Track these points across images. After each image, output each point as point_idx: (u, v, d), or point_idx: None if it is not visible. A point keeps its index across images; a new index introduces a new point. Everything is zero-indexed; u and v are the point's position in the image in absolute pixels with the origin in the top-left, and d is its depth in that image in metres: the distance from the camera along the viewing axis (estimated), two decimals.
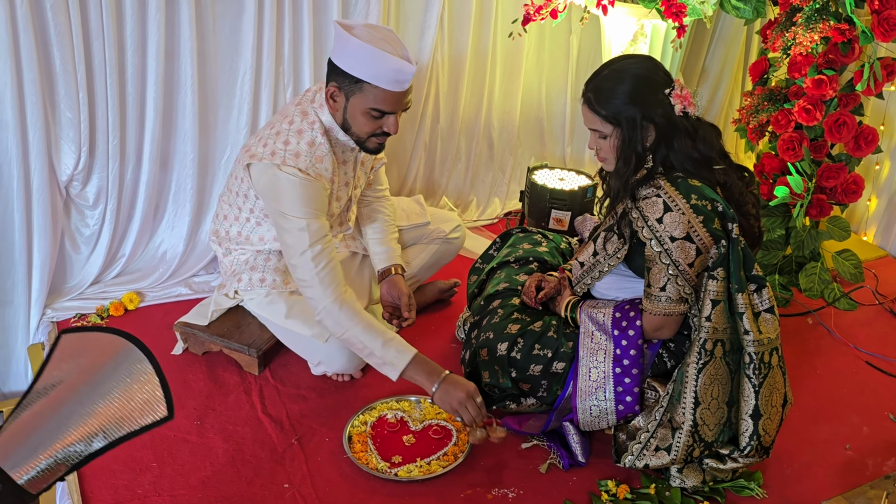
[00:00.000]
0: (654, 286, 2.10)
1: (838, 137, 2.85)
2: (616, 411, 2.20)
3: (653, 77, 2.08)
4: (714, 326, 2.03)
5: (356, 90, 2.22)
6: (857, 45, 2.77)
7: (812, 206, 2.94)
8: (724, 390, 2.08)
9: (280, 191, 2.28)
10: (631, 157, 2.09)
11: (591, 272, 2.27)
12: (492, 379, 2.35)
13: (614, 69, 2.12)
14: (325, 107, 2.33)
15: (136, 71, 2.73)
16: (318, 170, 2.30)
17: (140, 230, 2.99)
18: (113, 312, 2.84)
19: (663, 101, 2.06)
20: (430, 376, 2.22)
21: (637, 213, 2.07)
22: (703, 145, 2.09)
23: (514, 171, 3.86)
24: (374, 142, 2.34)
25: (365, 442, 2.28)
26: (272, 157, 2.27)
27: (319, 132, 2.32)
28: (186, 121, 2.88)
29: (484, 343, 2.36)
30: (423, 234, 2.89)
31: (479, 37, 3.47)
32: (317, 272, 2.26)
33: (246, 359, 2.57)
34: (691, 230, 2.02)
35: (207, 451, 2.26)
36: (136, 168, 2.89)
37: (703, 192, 2.05)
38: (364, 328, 2.25)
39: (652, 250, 2.06)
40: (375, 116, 2.26)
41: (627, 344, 2.18)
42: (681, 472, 2.14)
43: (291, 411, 2.43)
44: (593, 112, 2.11)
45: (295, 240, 2.28)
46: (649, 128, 2.08)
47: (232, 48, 2.88)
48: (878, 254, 3.55)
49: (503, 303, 2.47)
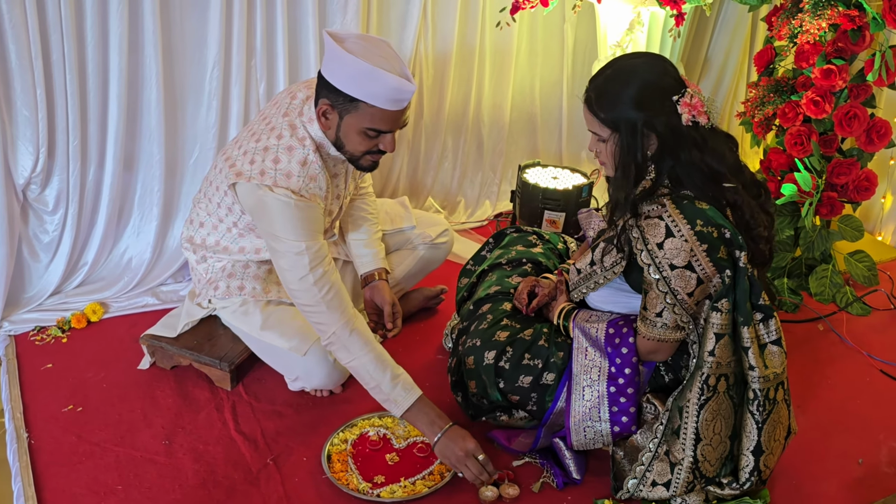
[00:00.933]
0: (650, 310, 2.09)
1: (849, 131, 2.86)
2: (612, 433, 2.20)
3: (660, 82, 2.02)
4: (718, 361, 2.01)
5: (351, 109, 2.19)
6: (867, 33, 2.78)
7: (822, 205, 2.95)
8: (727, 424, 2.08)
9: (272, 214, 2.25)
10: (630, 166, 2.04)
11: (587, 282, 2.26)
12: (479, 389, 2.35)
13: (619, 69, 2.08)
14: (314, 121, 2.29)
15: (97, 66, 2.73)
16: (311, 190, 2.27)
17: (103, 236, 2.98)
18: (75, 325, 2.82)
19: (670, 108, 2.01)
20: (432, 425, 2.22)
21: (638, 232, 2.04)
22: (713, 159, 2.04)
23: (506, 169, 3.87)
24: (369, 160, 2.32)
25: (345, 461, 2.28)
26: (262, 178, 2.24)
27: (311, 149, 2.28)
28: (152, 119, 2.88)
29: (470, 351, 2.36)
30: (409, 238, 2.88)
31: (466, 26, 3.47)
32: (321, 297, 2.24)
33: (218, 373, 2.56)
34: (693, 259, 1.99)
35: (177, 473, 2.25)
36: (99, 170, 2.88)
37: (709, 217, 2.00)
38: (374, 358, 2.24)
39: (650, 277, 2.03)
40: (371, 136, 2.23)
41: (622, 362, 2.17)
42: None
43: (266, 429, 2.42)
44: (592, 114, 2.08)
45: (292, 264, 2.25)
46: (651, 136, 2.03)
47: (199, 40, 2.88)
48: (893, 255, 3.57)
49: (493, 307, 2.46)
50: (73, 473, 2.23)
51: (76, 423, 2.40)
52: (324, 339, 2.28)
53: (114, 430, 2.39)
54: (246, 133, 2.40)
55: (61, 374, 2.62)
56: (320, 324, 2.28)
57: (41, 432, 2.36)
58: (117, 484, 2.20)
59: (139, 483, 2.21)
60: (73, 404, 2.48)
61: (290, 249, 2.24)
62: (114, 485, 2.19)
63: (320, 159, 2.29)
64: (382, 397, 2.24)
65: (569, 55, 3.79)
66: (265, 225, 2.28)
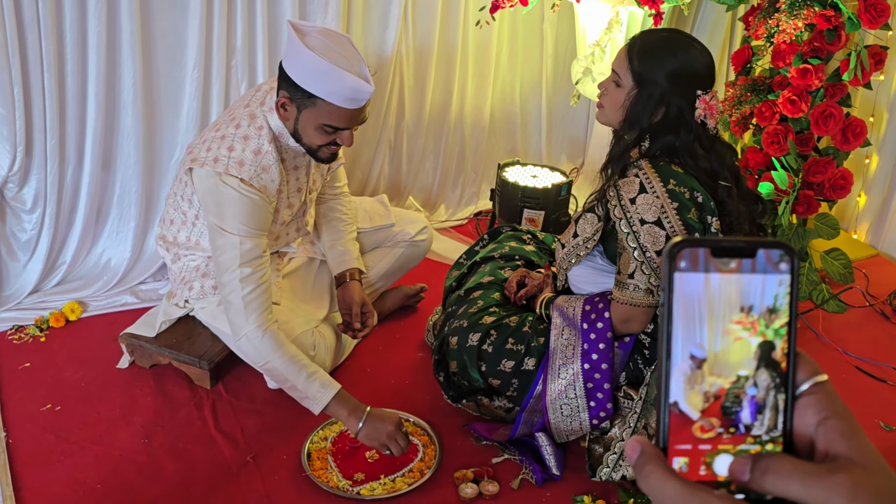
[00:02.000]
0: (623, 272, 2.16)
1: (825, 130, 2.90)
2: (588, 409, 2.25)
3: (699, 70, 2.12)
4: None
5: (308, 104, 2.22)
6: (843, 33, 2.83)
7: (799, 203, 3.00)
8: None
9: (220, 202, 2.28)
10: (636, 126, 2.15)
11: (570, 256, 2.33)
12: (459, 369, 2.40)
13: (675, 39, 2.18)
14: (274, 112, 2.32)
15: (75, 65, 2.75)
16: (262, 181, 2.29)
17: (82, 235, 3.00)
18: (53, 323, 2.84)
19: (690, 96, 2.11)
20: (352, 414, 2.26)
21: (614, 191, 2.13)
22: (714, 158, 2.15)
23: (486, 168, 3.91)
24: (327, 152, 2.35)
25: (325, 459, 2.31)
26: (214, 164, 2.27)
27: (267, 139, 2.31)
28: (130, 119, 2.90)
29: (455, 331, 2.42)
30: (387, 236, 2.91)
31: (447, 25, 3.51)
32: (242, 295, 2.27)
33: (197, 372, 2.59)
34: (663, 215, 2.07)
35: (156, 472, 2.27)
36: (77, 169, 2.90)
37: (683, 179, 2.10)
38: (287, 360, 2.28)
39: (620, 231, 2.11)
40: (328, 132, 2.27)
41: (596, 337, 2.23)
42: None
43: (246, 427, 2.45)
44: (628, 59, 2.17)
45: (227, 258, 2.29)
46: (661, 109, 2.13)
47: (179, 40, 2.90)
48: (868, 252, 3.63)
49: (483, 295, 2.53)
50: (52, 473, 2.24)
51: (55, 422, 2.42)
52: (236, 338, 2.31)
53: (93, 428, 2.41)
54: (212, 125, 2.44)
55: (39, 373, 2.63)
56: (233, 322, 2.31)
57: (19, 431, 2.38)
58: (96, 483, 2.22)
59: (118, 482, 2.23)
60: (51, 403, 2.49)
61: (228, 243, 2.27)
62: (93, 484, 2.21)
63: (276, 151, 2.32)
64: (300, 395, 2.28)
65: (548, 54, 3.84)
66: (211, 213, 2.30)
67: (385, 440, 2.24)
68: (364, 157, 3.57)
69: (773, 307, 0.57)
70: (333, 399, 2.26)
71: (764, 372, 0.58)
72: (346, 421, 2.27)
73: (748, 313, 0.57)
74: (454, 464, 2.33)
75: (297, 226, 2.63)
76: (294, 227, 2.62)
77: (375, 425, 2.24)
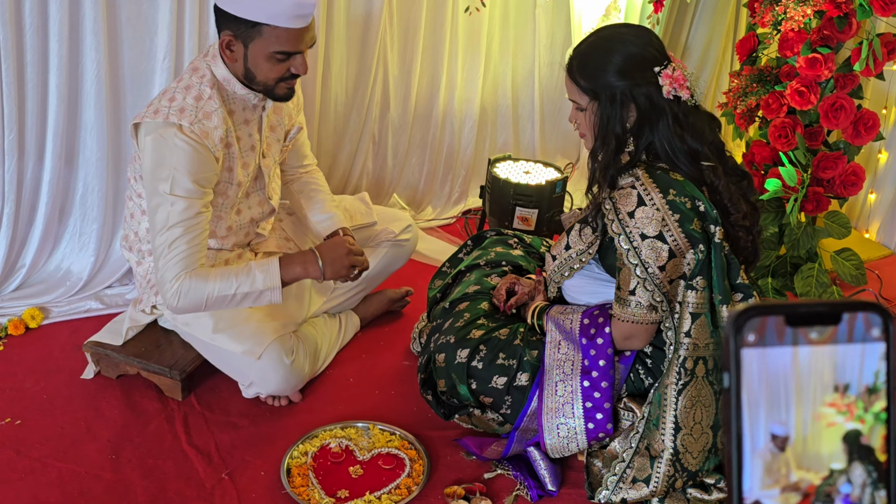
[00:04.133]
0: (623, 289, 2.14)
1: (835, 123, 2.90)
2: (586, 431, 2.23)
3: (643, 52, 2.10)
4: (694, 343, 2.06)
5: (254, 35, 2.24)
6: (854, 20, 2.83)
7: (808, 201, 3.00)
8: (707, 414, 2.11)
9: (159, 153, 2.27)
10: (609, 137, 2.11)
11: (563, 268, 2.31)
12: (447, 387, 2.39)
13: (603, 37, 2.17)
14: (217, 59, 2.35)
15: (35, 54, 2.71)
16: (204, 127, 2.28)
17: (42, 237, 2.97)
18: (12, 331, 2.81)
19: (651, 79, 2.08)
20: (307, 265, 2.38)
21: (610, 204, 2.11)
22: (692, 136, 2.11)
23: (476, 164, 3.89)
24: (284, 87, 2.37)
25: (306, 475, 2.29)
26: (154, 116, 2.28)
27: (208, 85, 2.33)
28: (94, 112, 2.86)
29: (442, 348, 2.40)
30: (370, 236, 2.89)
31: (435, 12, 3.50)
32: (169, 258, 2.27)
33: (167, 382, 2.56)
34: (665, 228, 2.05)
35: (125, 490, 2.25)
36: (38, 166, 2.87)
37: (683, 187, 2.08)
38: (221, 278, 2.31)
39: (620, 247, 2.09)
40: (280, 59, 2.29)
41: (596, 354, 2.21)
42: (662, 502, 2.17)
43: (221, 441, 2.43)
44: (573, 81, 2.16)
45: (158, 219, 2.27)
46: (630, 107, 2.10)
47: (148, 28, 2.86)
48: (881, 252, 3.63)
49: (470, 306, 2.50)
50: (12, 491, 2.22)
51: (14, 438, 2.39)
52: (169, 295, 2.29)
53: (56, 444, 2.38)
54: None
55: None
56: (160, 283, 2.31)
57: None
58: (60, 502, 2.19)
59: (84, 501, 2.20)
60: (10, 417, 2.46)
61: (161, 202, 2.26)
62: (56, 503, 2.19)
63: (219, 97, 2.34)
64: (255, 296, 2.33)
65: (542, 44, 3.82)
66: (147, 170, 2.29)
67: (347, 264, 2.39)
68: (345, 152, 3.55)
69: (872, 386, 0.51)
70: (282, 272, 2.34)
71: (859, 465, 0.51)
72: (306, 274, 2.38)
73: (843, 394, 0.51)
74: (444, 479, 2.31)
75: (260, 199, 2.60)
76: (256, 199, 2.59)
77: (332, 258, 2.38)
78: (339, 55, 3.35)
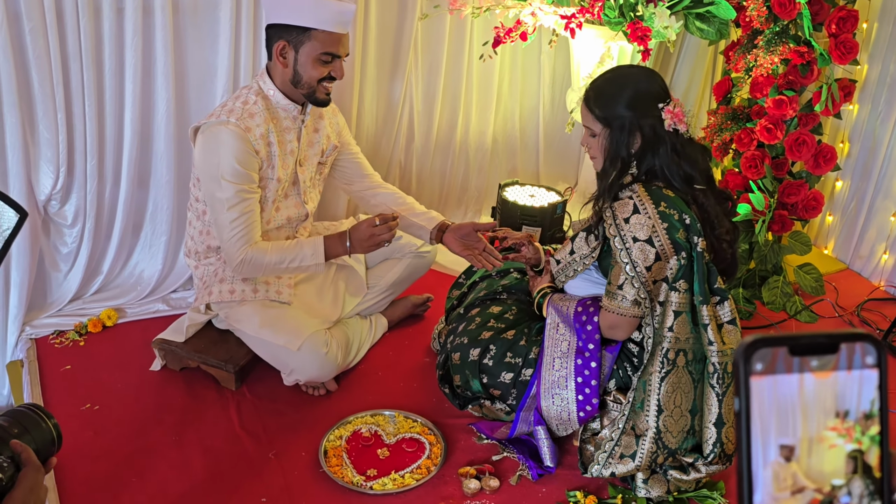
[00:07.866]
0: (613, 283, 2.16)
1: (798, 156, 2.91)
2: (577, 402, 2.25)
3: (651, 88, 2.14)
4: (676, 336, 2.08)
5: (304, 39, 2.33)
6: (815, 67, 2.84)
7: (774, 222, 3.00)
8: (686, 399, 2.13)
9: (210, 148, 2.35)
10: (617, 159, 2.15)
11: (567, 270, 2.34)
12: (462, 382, 2.42)
13: (618, 74, 2.22)
14: (265, 76, 2.43)
15: (113, 92, 2.75)
16: (247, 123, 2.36)
17: (118, 248, 2.99)
18: (91, 329, 2.84)
19: (655, 113, 2.12)
20: (341, 244, 2.47)
21: (610, 212, 2.14)
22: (687, 162, 2.15)
23: (489, 188, 3.90)
24: (323, 90, 2.43)
25: (340, 456, 2.31)
26: (208, 119, 2.38)
27: (254, 94, 2.42)
28: (164, 142, 2.90)
29: (457, 348, 2.43)
30: (395, 248, 2.90)
31: (453, 59, 3.51)
32: (233, 234, 2.37)
33: (223, 374, 2.58)
34: (654, 234, 2.08)
35: (186, 466, 2.27)
36: (115, 188, 2.90)
37: (673, 202, 2.11)
38: (276, 252, 2.43)
39: (615, 247, 2.12)
40: (325, 61, 2.36)
41: (587, 338, 2.24)
42: (646, 482, 2.18)
43: (268, 426, 2.45)
44: (589, 110, 2.19)
45: (218, 199, 2.36)
46: (636, 135, 2.13)
47: (209, 70, 2.90)
48: (837, 267, 3.62)
49: (481, 311, 2.53)
50: (91, 467, 2.24)
51: (93, 421, 2.42)
52: (235, 264, 2.40)
53: (128, 426, 2.41)
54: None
55: (79, 375, 2.63)
56: (230, 253, 2.40)
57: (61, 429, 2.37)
58: (132, 477, 2.22)
59: (152, 476, 2.23)
60: (90, 403, 2.49)
61: (219, 197, 2.35)
62: (129, 478, 2.22)
63: (264, 104, 2.42)
64: (304, 267, 2.47)
65: (545, 84, 3.84)
66: (202, 160, 2.38)
67: (373, 242, 2.44)
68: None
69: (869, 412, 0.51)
70: (325, 248, 2.46)
71: (858, 480, 0.51)
72: (342, 252, 2.48)
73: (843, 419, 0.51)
74: (459, 461, 2.32)
75: (296, 202, 2.60)
76: (293, 202, 2.60)
77: (358, 238, 2.45)
78: (370, 92, 3.37)
